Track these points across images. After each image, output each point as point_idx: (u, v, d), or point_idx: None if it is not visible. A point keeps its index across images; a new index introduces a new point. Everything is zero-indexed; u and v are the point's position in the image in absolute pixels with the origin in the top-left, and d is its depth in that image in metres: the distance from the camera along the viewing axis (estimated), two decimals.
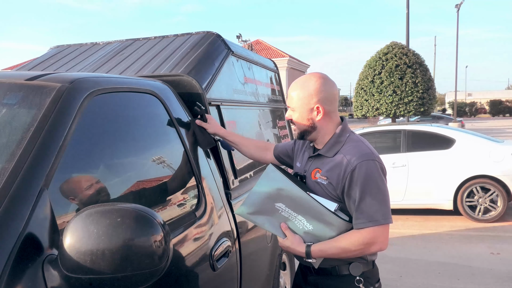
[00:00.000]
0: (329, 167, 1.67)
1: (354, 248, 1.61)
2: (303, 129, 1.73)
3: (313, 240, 1.67)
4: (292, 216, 1.67)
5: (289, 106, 1.76)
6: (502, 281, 4.17)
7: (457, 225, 6.28)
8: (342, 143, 1.70)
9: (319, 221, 1.64)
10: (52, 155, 1.14)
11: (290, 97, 1.74)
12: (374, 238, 1.60)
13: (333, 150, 1.70)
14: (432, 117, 24.01)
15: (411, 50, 15.88)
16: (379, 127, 7.74)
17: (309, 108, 1.69)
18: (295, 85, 1.74)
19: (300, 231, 1.68)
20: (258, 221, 1.73)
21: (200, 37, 2.57)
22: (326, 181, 1.66)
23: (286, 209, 1.67)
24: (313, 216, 1.64)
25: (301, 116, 1.71)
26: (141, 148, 1.63)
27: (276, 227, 1.71)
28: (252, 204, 1.71)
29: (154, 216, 1.02)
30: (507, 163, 6.32)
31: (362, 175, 1.59)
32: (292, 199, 1.66)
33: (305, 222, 1.66)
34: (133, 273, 0.98)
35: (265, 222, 1.72)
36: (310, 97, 1.68)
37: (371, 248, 1.62)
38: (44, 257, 1.02)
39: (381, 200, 1.60)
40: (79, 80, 1.39)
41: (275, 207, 1.68)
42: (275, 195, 1.67)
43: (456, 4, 27.79)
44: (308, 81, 1.70)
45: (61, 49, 2.96)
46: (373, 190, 1.59)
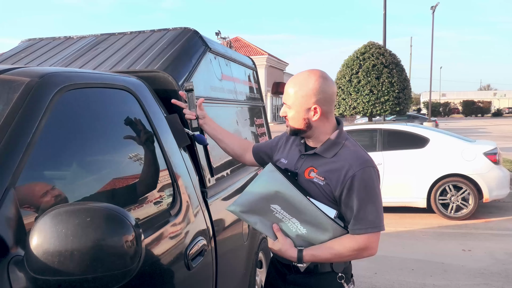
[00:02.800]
0: (328, 168, 1.64)
1: (347, 253, 1.62)
2: (297, 128, 1.69)
3: (304, 243, 1.66)
4: (286, 219, 1.64)
5: (285, 103, 1.70)
6: (473, 277, 4.28)
7: (430, 223, 6.42)
8: (340, 145, 1.68)
9: (314, 225, 1.62)
10: (19, 152, 1.10)
11: (287, 94, 1.68)
12: (368, 244, 1.61)
13: (331, 151, 1.67)
14: (408, 117, 24.44)
15: (388, 50, 16.11)
16: (356, 126, 7.84)
17: (307, 107, 1.64)
18: (294, 81, 1.67)
19: (292, 233, 1.66)
20: (251, 220, 1.69)
21: (177, 33, 2.53)
22: (323, 181, 1.63)
23: (281, 211, 1.63)
24: (309, 221, 1.61)
25: (297, 114, 1.66)
26: (114, 145, 1.60)
27: (268, 227, 1.68)
28: (246, 203, 1.67)
29: (125, 216, 1.00)
30: (479, 162, 6.49)
31: (363, 182, 1.59)
32: (289, 202, 1.61)
33: (299, 225, 1.63)
34: (104, 274, 0.96)
35: (257, 222, 1.68)
36: (308, 97, 1.63)
37: (363, 253, 1.64)
38: (9, 258, 0.98)
39: (378, 207, 1.63)
40: (50, 75, 1.35)
41: (270, 208, 1.64)
42: (272, 197, 1.62)
43: (431, 6, 28.35)
44: (308, 79, 1.64)
45: (33, 43, 2.87)
46: (373, 198, 1.61)
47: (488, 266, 4.55)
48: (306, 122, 1.67)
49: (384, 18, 17.91)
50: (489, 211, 6.88)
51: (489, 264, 4.61)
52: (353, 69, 15.74)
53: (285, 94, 1.70)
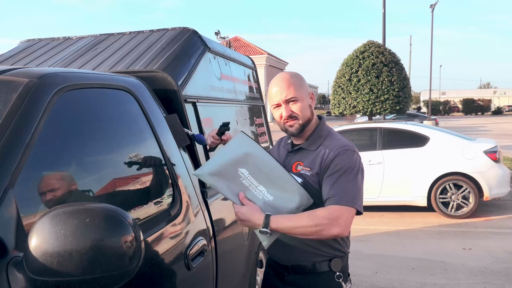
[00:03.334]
0: (312, 158, 1.70)
1: (317, 221, 1.55)
2: (307, 118, 1.72)
3: (271, 211, 1.61)
4: (253, 186, 1.63)
5: (287, 99, 1.68)
6: (473, 276, 4.28)
7: (431, 221, 6.41)
8: (324, 137, 1.74)
9: (281, 191, 1.61)
10: (18, 153, 1.09)
11: (290, 90, 1.68)
12: (339, 216, 1.56)
13: (315, 144, 1.73)
14: (408, 115, 24.45)
15: (387, 49, 16.11)
16: (356, 125, 7.84)
17: (308, 94, 1.74)
18: (288, 79, 1.72)
19: (259, 201, 1.63)
20: (218, 185, 1.64)
21: (176, 33, 2.53)
22: (309, 171, 1.67)
23: (248, 176, 1.63)
24: (276, 186, 1.62)
25: (305, 103, 1.71)
26: (114, 146, 1.59)
27: (235, 194, 1.64)
28: (214, 166, 1.64)
29: (124, 216, 0.99)
30: (479, 160, 6.49)
31: (343, 161, 1.63)
32: (258, 166, 1.63)
33: (265, 193, 1.63)
34: (103, 275, 0.95)
35: (224, 187, 1.64)
36: (305, 86, 1.75)
37: (332, 228, 1.56)
38: (8, 259, 0.98)
39: (356, 186, 1.62)
40: (48, 76, 1.34)
41: (238, 173, 1.63)
42: (241, 160, 1.63)
43: (430, 5, 28.34)
44: (294, 75, 1.76)
45: (32, 43, 2.87)
46: (351, 176, 1.62)
47: (489, 265, 4.55)
48: (311, 109, 1.74)
49: (383, 17, 17.91)
50: (489, 210, 6.87)
51: (489, 263, 4.61)
52: (353, 68, 15.73)
53: (283, 93, 1.69)
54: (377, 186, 6.69)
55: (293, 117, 1.69)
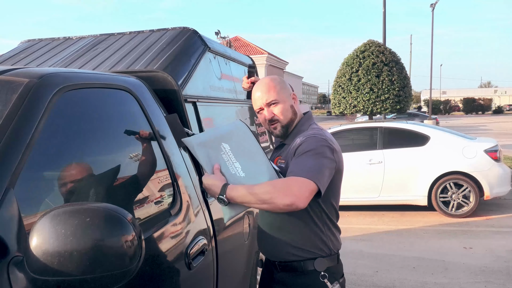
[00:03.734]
0: (287, 151, 1.77)
1: (268, 189, 1.53)
2: (289, 119, 1.80)
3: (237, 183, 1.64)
4: (230, 162, 1.68)
5: (268, 102, 1.77)
6: (474, 275, 4.28)
7: (431, 221, 6.41)
8: (303, 131, 1.78)
9: (254, 171, 1.66)
10: (18, 153, 1.10)
11: (269, 93, 1.77)
12: (292, 185, 1.53)
13: (295, 139, 1.77)
14: (408, 115, 24.42)
15: (388, 48, 16.10)
16: (356, 124, 7.84)
17: (289, 95, 1.81)
18: (268, 83, 1.80)
19: (230, 175, 1.66)
20: (199, 153, 1.70)
21: (176, 33, 2.53)
22: (284, 163, 1.74)
23: (229, 151, 1.69)
24: (251, 166, 1.68)
25: (287, 104, 1.78)
26: (114, 146, 1.60)
27: (210, 164, 1.68)
28: (202, 137, 1.76)
29: (125, 216, 1.00)
30: (480, 159, 6.49)
31: (307, 145, 1.66)
32: (240, 142, 1.71)
33: (239, 170, 1.67)
34: (103, 274, 0.95)
35: (203, 156, 1.69)
36: (286, 88, 1.81)
37: (284, 197, 1.50)
38: (9, 259, 0.98)
39: (316, 164, 1.59)
40: (48, 76, 1.35)
41: (220, 146, 1.70)
42: (226, 135, 1.72)
43: (431, 4, 28.31)
44: (272, 77, 1.85)
45: (32, 44, 2.88)
46: (311, 155, 1.61)
47: (489, 264, 4.55)
48: (293, 110, 1.80)
49: (383, 16, 17.90)
50: (490, 209, 6.87)
51: (490, 262, 4.61)
52: (353, 67, 15.73)
53: (265, 96, 1.77)
54: (378, 185, 6.68)
55: (275, 120, 1.78)
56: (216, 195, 1.61)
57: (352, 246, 5.07)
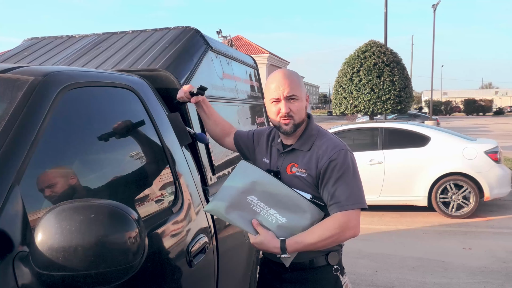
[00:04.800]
0: (307, 159, 1.70)
1: (329, 233, 1.59)
2: (302, 119, 1.72)
3: (286, 233, 1.64)
4: (264, 211, 1.64)
5: (288, 95, 1.67)
6: (473, 275, 4.29)
7: (431, 221, 6.42)
8: (315, 136, 1.75)
9: (292, 211, 1.63)
10: (23, 150, 1.11)
11: (291, 86, 1.67)
12: (348, 221, 1.60)
13: (307, 144, 1.73)
14: (409, 115, 24.44)
15: (389, 49, 16.11)
16: (357, 125, 7.84)
17: (305, 95, 1.75)
18: (290, 75, 1.71)
19: (272, 225, 1.64)
20: (230, 217, 1.67)
21: (178, 32, 2.55)
22: (305, 173, 1.68)
23: (258, 202, 1.64)
24: (287, 207, 1.63)
25: (303, 103, 1.72)
26: (117, 144, 1.61)
27: (248, 223, 1.66)
28: (224, 199, 1.67)
29: (128, 212, 1.01)
30: (480, 160, 6.49)
31: (339, 163, 1.64)
32: (266, 190, 1.64)
33: (277, 216, 1.64)
34: (107, 269, 0.97)
35: (237, 218, 1.66)
36: (304, 86, 1.75)
37: (346, 233, 1.61)
38: (14, 254, 0.99)
39: (356, 185, 1.65)
40: (53, 74, 1.36)
41: (247, 200, 1.65)
42: (248, 189, 1.65)
43: (432, 4, 28.31)
44: (293, 71, 1.77)
45: (36, 42, 2.89)
46: (349, 176, 1.64)
47: (489, 264, 4.56)
48: (305, 110, 1.75)
49: (385, 17, 17.90)
50: (490, 210, 6.88)
51: (489, 262, 4.62)
52: (354, 67, 15.74)
53: (286, 89, 1.67)
54: (378, 185, 6.70)
55: (290, 116, 1.69)
56: (278, 255, 1.64)
57: (352, 246, 5.07)
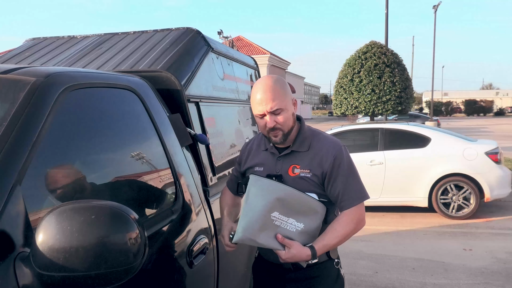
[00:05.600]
0: (309, 159, 1.73)
1: (349, 229, 1.70)
2: (290, 127, 1.73)
3: (306, 237, 1.68)
4: (284, 223, 1.65)
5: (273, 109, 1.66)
6: (473, 276, 4.29)
7: (431, 222, 6.42)
8: (310, 136, 1.79)
9: (307, 215, 1.67)
10: (25, 151, 1.12)
11: (275, 100, 1.65)
12: (360, 214, 1.72)
13: (305, 144, 1.77)
14: (409, 116, 24.41)
15: (390, 50, 16.10)
16: (357, 125, 7.84)
17: (291, 101, 1.74)
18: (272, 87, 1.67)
19: (294, 234, 1.66)
20: (261, 241, 1.63)
21: (180, 33, 2.55)
22: (309, 173, 1.71)
23: (279, 216, 1.64)
24: (301, 212, 1.66)
25: (289, 112, 1.71)
26: (118, 144, 1.61)
27: (274, 240, 1.64)
28: (249, 226, 1.61)
29: (129, 213, 1.02)
30: (480, 161, 6.49)
31: (343, 160, 1.72)
32: (286, 202, 1.63)
33: (295, 223, 1.65)
34: (108, 270, 0.97)
35: (266, 239, 1.63)
36: (289, 93, 1.75)
37: (359, 225, 1.73)
38: (15, 254, 1.00)
39: (359, 180, 1.77)
40: (55, 75, 1.37)
41: (271, 218, 1.63)
42: (272, 206, 1.62)
43: (433, 5, 28.31)
44: (276, 79, 1.73)
45: (37, 42, 2.90)
46: (354, 172, 1.75)
47: (489, 265, 4.56)
48: (294, 117, 1.77)
49: (386, 18, 17.90)
50: (490, 211, 6.88)
51: (489, 263, 4.62)
52: (355, 68, 15.74)
53: (268, 103, 1.65)
54: (378, 186, 6.70)
55: (277, 128, 1.69)
56: (309, 261, 1.70)
57: (352, 247, 5.08)
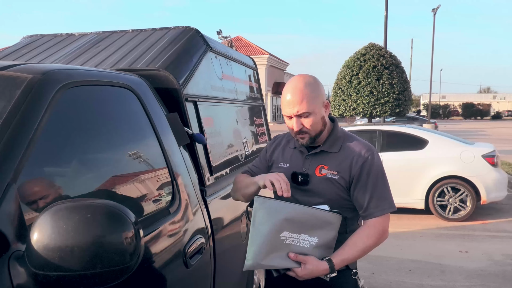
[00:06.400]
0: (338, 162, 1.68)
1: (372, 241, 1.64)
2: (318, 131, 1.68)
3: (322, 251, 1.62)
4: (296, 240, 1.58)
5: (299, 113, 1.61)
6: (470, 278, 4.30)
7: (428, 224, 6.43)
8: (342, 138, 1.74)
9: (320, 228, 1.60)
10: (21, 149, 1.10)
11: (302, 104, 1.60)
12: (385, 225, 1.66)
13: (336, 146, 1.72)
14: (407, 118, 24.45)
15: (388, 52, 16.12)
16: (355, 127, 7.86)
17: (322, 104, 1.67)
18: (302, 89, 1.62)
19: (308, 250, 1.60)
20: (272, 263, 1.58)
21: (178, 32, 2.54)
22: (337, 175, 1.66)
23: (289, 235, 1.58)
24: (314, 226, 1.59)
25: (317, 116, 1.65)
26: (115, 143, 1.60)
27: (286, 259, 1.59)
28: (260, 250, 1.55)
29: (125, 213, 1.01)
30: (477, 164, 6.50)
31: (374, 166, 1.66)
32: (295, 220, 1.57)
33: (309, 238, 1.59)
34: (103, 270, 0.96)
35: (278, 261, 1.58)
36: (321, 96, 1.68)
37: (383, 237, 1.67)
38: (10, 253, 0.99)
39: (388, 189, 1.70)
40: (52, 72, 1.36)
41: (280, 238, 1.57)
42: (281, 226, 1.56)
43: (433, 8, 28.38)
44: (308, 81, 1.66)
45: (35, 39, 2.88)
46: (384, 179, 1.69)
47: (485, 267, 4.57)
48: (323, 121, 1.70)
49: (385, 20, 17.93)
50: (486, 213, 6.89)
51: (486, 265, 4.63)
52: (354, 70, 15.75)
53: (295, 107, 1.61)
54: None
55: (304, 132, 1.65)
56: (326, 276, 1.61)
57: None
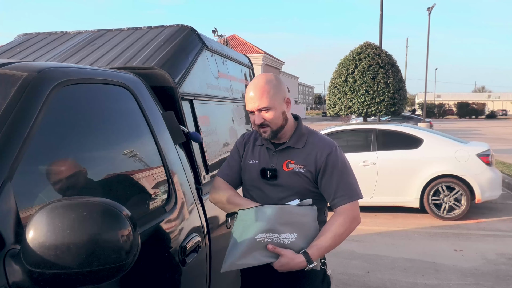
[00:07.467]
0: (304, 156, 1.78)
1: (344, 228, 1.71)
2: (279, 125, 1.78)
3: (303, 244, 1.69)
4: (276, 238, 1.68)
5: (260, 108, 1.74)
6: (464, 277, 4.33)
7: (423, 223, 6.46)
8: (306, 135, 1.84)
9: (297, 223, 1.68)
10: (16, 146, 1.10)
11: (262, 99, 1.73)
12: (355, 212, 1.75)
13: (301, 141, 1.82)
14: (403, 117, 24.52)
15: (384, 51, 16.15)
16: (351, 126, 7.87)
17: (282, 100, 1.78)
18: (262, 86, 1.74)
19: (289, 246, 1.69)
20: (249, 261, 1.70)
21: (174, 30, 2.54)
22: (303, 169, 1.76)
23: (266, 235, 1.68)
24: (291, 223, 1.68)
25: (278, 111, 1.76)
26: (111, 141, 1.60)
27: (265, 255, 1.70)
28: (234, 254, 1.70)
29: (121, 210, 1.00)
30: (472, 163, 6.54)
31: (338, 157, 1.77)
32: (273, 225, 1.66)
33: (288, 235, 1.68)
34: (99, 268, 0.96)
35: (255, 258, 1.69)
36: (282, 92, 1.79)
37: (354, 223, 1.75)
38: (5, 251, 0.98)
39: (354, 179, 1.81)
40: (47, 70, 1.35)
41: (256, 240, 1.67)
42: (255, 232, 1.67)
43: (427, 8, 28.46)
44: (268, 79, 1.79)
45: (29, 37, 2.86)
46: (349, 169, 1.80)
47: (479, 266, 4.60)
48: (284, 116, 1.79)
49: (380, 19, 17.96)
50: (481, 212, 6.94)
51: (480, 264, 4.66)
52: (349, 69, 15.77)
53: (256, 102, 1.74)
54: (371, 187, 6.72)
55: (265, 125, 1.77)
56: (306, 268, 1.68)
57: (344, 247, 5.09)
